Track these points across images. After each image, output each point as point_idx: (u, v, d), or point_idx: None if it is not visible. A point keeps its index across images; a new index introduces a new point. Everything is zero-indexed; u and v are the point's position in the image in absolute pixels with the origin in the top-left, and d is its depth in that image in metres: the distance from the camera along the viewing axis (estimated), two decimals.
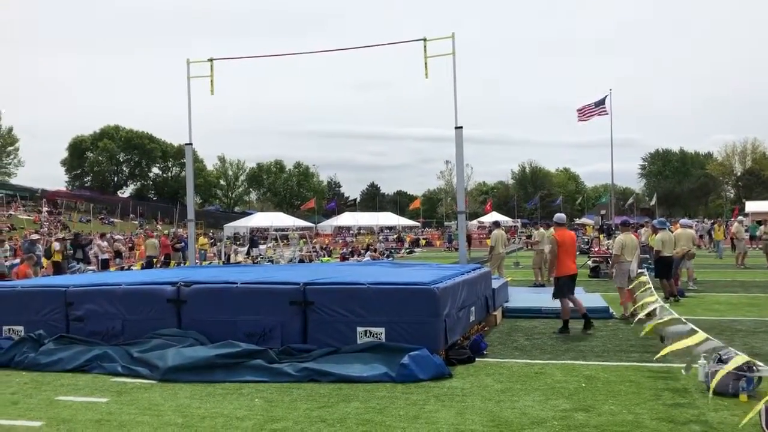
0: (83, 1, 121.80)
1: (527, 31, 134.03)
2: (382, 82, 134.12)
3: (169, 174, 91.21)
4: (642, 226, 23.01)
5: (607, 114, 33.99)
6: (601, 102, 33.20)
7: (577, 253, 30.31)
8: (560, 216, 10.87)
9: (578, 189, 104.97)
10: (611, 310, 11.66)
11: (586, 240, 31.19)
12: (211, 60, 15.07)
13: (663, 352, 6.78)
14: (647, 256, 16.84)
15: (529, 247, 25.56)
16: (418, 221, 76.47)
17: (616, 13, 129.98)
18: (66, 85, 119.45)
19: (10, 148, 78.10)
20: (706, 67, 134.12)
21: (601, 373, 7.39)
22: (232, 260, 31.91)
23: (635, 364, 7.84)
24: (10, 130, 77.18)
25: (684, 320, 7.51)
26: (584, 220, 58.77)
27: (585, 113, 33.06)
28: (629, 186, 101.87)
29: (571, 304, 10.24)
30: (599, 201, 64.53)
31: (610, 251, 20.00)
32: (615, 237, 16.99)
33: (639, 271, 12.06)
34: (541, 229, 20.56)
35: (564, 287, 10.24)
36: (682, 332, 6.98)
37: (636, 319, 10.94)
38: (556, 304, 12.01)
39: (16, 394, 6.98)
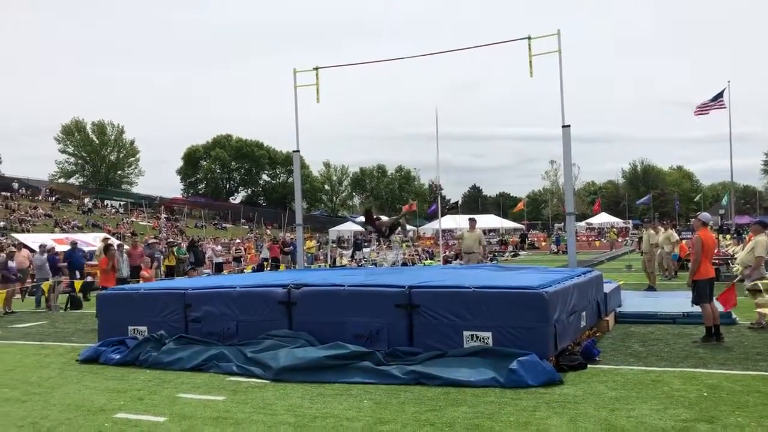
0: (196, 15, 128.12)
1: (631, 23, 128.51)
2: (475, 82, 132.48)
3: (278, 180, 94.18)
4: None
5: (725, 108, 32.16)
6: (719, 95, 31.43)
7: None
8: (706, 215, 10.27)
9: (693, 187, 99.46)
10: (734, 316, 10.97)
11: None
12: (316, 68, 15.35)
13: None
14: None
15: (639, 250, 24.29)
16: (523, 223, 75.03)
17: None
18: (180, 97, 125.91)
19: (132, 159, 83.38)
20: None
21: (724, 382, 6.96)
22: (337, 263, 32.57)
23: (764, 373, 7.33)
24: (132, 142, 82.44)
25: None
26: None
27: (702, 108, 31.44)
28: (750, 183, 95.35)
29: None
30: (719, 201, 60.86)
31: (731, 252, 18.87)
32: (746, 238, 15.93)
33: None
34: (652, 230, 19.42)
35: (706, 291, 9.48)
36: None
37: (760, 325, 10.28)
38: (673, 308, 11.51)
39: (142, 391, 7.41)
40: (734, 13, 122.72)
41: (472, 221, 16.94)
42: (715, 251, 21.22)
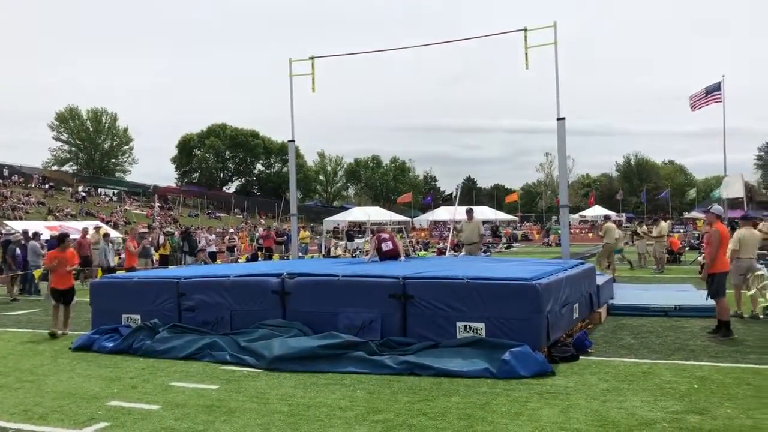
0: (191, 3, 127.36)
1: (625, 14, 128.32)
2: (470, 74, 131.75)
3: (272, 170, 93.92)
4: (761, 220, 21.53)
5: (720, 102, 32.14)
6: (715, 89, 31.38)
7: (687, 248, 28.70)
8: (718, 208, 10.32)
9: (687, 181, 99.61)
10: None
11: (697, 235, 29.75)
12: (312, 58, 15.31)
13: None
14: (766, 252, 15.80)
15: (633, 243, 24.33)
16: (516, 215, 75.13)
17: None
18: (174, 85, 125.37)
19: (125, 147, 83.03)
20: None
21: (715, 374, 7.02)
22: (332, 253, 32.58)
23: (754, 366, 7.39)
24: (126, 129, 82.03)
25: None
26: (695, 213, 55.89)
27: (697, 102, 31.35)
28: (744, 178, 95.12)
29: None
30: (712, 196, 61.01)
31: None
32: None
33: (758, 267, 11.32)
34: (610, 224, 18.75)
35: (723, 285, 9.47)
36: None
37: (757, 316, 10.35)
38: (665, 301, 11.58)
39: (135, 379, 7.42)
40: (729, 7, 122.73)
41: (470, 211, 16.82)
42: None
